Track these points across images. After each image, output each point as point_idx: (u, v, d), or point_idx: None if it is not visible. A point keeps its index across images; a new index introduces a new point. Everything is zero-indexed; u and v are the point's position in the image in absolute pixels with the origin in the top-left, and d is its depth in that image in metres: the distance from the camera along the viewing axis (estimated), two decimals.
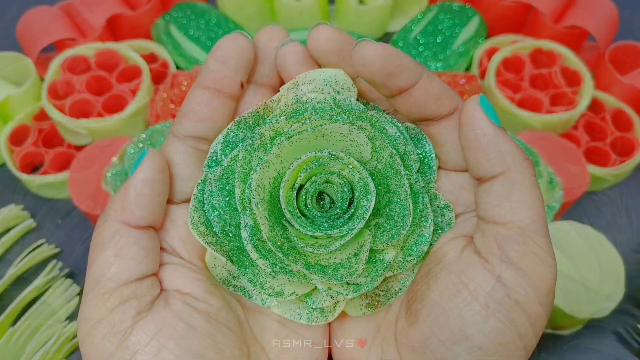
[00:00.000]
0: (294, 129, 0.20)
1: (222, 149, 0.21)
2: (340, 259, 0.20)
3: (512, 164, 0.18)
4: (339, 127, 0.20)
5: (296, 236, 0.20)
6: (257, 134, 0.20)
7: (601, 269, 0.41)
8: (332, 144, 0.20)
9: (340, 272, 0.20)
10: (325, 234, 0.20)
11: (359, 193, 0.20)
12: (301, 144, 0.20)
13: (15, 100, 0.53)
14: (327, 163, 0.21)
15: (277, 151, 0.20)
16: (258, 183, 0.20)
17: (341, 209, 0.21)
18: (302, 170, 0.21)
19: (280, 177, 0.20)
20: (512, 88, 0.54)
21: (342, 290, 0.20)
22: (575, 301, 0.40)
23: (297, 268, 0.20)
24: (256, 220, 0.20)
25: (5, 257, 0.49)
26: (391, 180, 0.20)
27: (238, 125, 0.21)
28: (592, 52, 0.60)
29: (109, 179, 0.44)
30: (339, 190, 0.21)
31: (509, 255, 0.18)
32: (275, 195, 0.21)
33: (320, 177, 0.21)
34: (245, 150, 0.20)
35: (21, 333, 0.42)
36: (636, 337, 0.45)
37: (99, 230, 0.19)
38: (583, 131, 0.54)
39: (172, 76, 0.54)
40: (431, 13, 0.61)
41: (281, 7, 0.63)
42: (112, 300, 0.18)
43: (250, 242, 0.20)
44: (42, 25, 0.56)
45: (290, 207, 0.20)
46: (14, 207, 0.51)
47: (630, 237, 0.50)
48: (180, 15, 0.61)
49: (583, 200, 0.52)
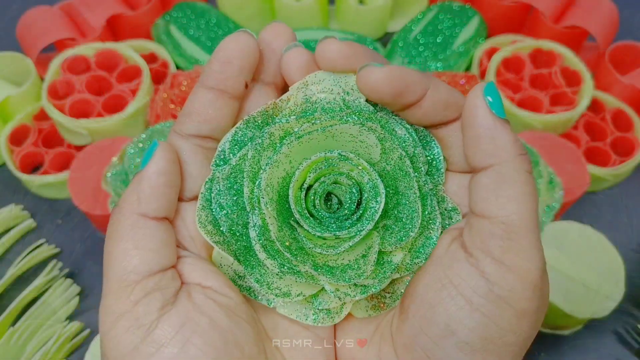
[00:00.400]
0: (304, 129, 0.20)
1: (230, 147, 0.20)
2: (349, 260, 0.20)
3: (504, 157, 0.18)
4: (349, 128, 0.20)
5: (304, 237, 0.20)
6: (266, 133, 0.20)
7: (601, 269, 0.42)
8: (342, 144, 0.20)
9: (348, 273, 0.20)
10: (333, 235, 0.20)
11: (368, 194, 0.20)
12: (311, 144, 0.20)
13: (15, 100, 0.53)
14: (337, 164, 0.20)
15: (287, 151, 0.20)
16: (267, 183, 0.20)
17: (349, 210, 0.21)
18: (312, 170, 0.20)
19: (290, 177, 0.20)
20: (512, 88, 0.54)
21: (349, 292, 0.20)
22: (575, 301, 0.40)
23: (305, 269, 0.20)
24: (265, 220, 0.20)
25: (5, 257, 0.49)
26: (400, 182, 0.20)
27: (247, 124, 0.21)
28: (592, 52, 0.60)
29: (109, 179, 0.44)
30: (347, 191, 0.21)
31: (491, 250, 0.17)
32: (284, 195, 0.20)
33: (329, 178, 0.21)
34: (255, 150, 0.20)
35: (21, 333, 0.42)
36: (636, 337, 0.45)
37: (115, 223, 0.18)
38: (583, 131, 0.54)
39: (172, 76, 0.54)
40: (431, 13, 0.61)
41: (281, 7, 0.63)
42: (135, 293, 0.17)
43: (258, 242, 0.20)
44: (42, 25, 0.56)
45: (299, 208, 0.20)
46: (14, 207, 0.51)
47: (630, 237, 0.50)
48: (180, 15, 0.61)
49: (583, 200, 0.52)
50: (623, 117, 0.54)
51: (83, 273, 0.48)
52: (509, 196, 0.17)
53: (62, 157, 0.52)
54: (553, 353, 0.44)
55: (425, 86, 0.19)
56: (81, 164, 0.48)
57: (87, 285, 0.47)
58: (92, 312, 0.46)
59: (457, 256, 0.18)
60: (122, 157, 0.45)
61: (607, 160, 0.52)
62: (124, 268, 0.17)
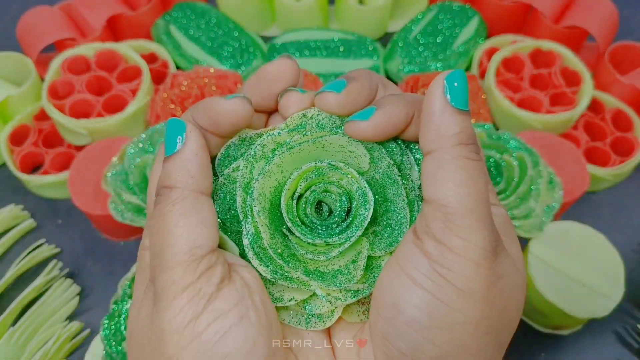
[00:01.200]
0: (295, 140, 0.21)
1: (222, 159, 0.21)
2: (339, 265, 0.21)
3: (442, 144, 0.18)
4: (338, 139, 0.21)
5: (296, 244, 0.21)
6: (259, 145, 0.21)
7: (601, 268, 0.42)
8: (332, 154, 0.21)
9: (338, 278, 0.20)
10: (324, 242, 0.21)
11: (357, 202, 0.21)
12: (302, 154, 0.21)
13: (16, 100, 0.53)
14: (327, 173, 0.21)
15: (279, 161, 0.21)
16: (260, 192, 0.20)
17: (339, 218, 0.21)
18: (303, 179, 0.21)
19: (281, 186, 0.21)
20: (512, 88, 0.54)
21: (340, 296, 0.21)
22: (575, 301, 0.40)
23: (297, 275, 0.20)
24: (257, 228, 0.20)
25: (5, 257, 0.49)
26: (388, 190, 0.21)
27: (242, 141, 0.22)
28: (592, 52, 0.60)
29: (109, 179, 0.44)
30: (337, 199, 0.21)
31: (434, 232, 0.18)
32: (276, 204, 0.21)
33: (320, 187, 0.21)
34: (247, 161, 0.21)
35: (21, 333, 0.42)
36: (636, 336, 0.45)
37: (171, 201, 0.19)
38: (583, 131, 0.54)
39: (172, 76, 0.54)
40: (431, 13, 0.61)
41: (281, 7, 0.63)
42: (201, 266, 0.18)
43: (251, 249, 0.20)
44: (42, 25, 0.56)
45: (291, 216, 0.21)
46: (14, 207, 0.51)
47: (630, 237, 0.50)
48: (180, 16, 0.61)
49: (583, 200, 0.52)
50: (623, 117, 0.54)
51: (83, 273, 0.48)
52: (446, 180, 0.18)
53: (62, 157, 0.53)
54: (553, 353, 0.44)
55: (408, 118, 0.20)
56: (81, 164, 0.48)
57: (87, 285, 0.47)
58: (92, 312, 0.46)
59: (407, 239, 0.19)
60: (122, 157, 0.45)
61: (606, 160, 0.52)
62: (193, 242, 0.18)
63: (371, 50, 0.60)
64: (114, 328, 0.35)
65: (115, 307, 0.37)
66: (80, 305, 0.46)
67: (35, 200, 0.53)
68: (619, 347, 0.45)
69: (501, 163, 0.43)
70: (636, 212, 0.52)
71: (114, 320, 0.36)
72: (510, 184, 0.43)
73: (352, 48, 0.60)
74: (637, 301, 0.46)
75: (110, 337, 0.35)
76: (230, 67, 0.58)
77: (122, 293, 0.38)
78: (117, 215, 0.43)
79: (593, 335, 0.45)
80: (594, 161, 0.52)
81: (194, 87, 0.53)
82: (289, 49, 0.59)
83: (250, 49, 0.60)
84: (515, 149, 0.45)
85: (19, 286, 0.46)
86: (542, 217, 0.44)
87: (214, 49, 0.59)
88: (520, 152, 0.44)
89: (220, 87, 0.53)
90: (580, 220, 0.45)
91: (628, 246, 0.50)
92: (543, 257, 0.42)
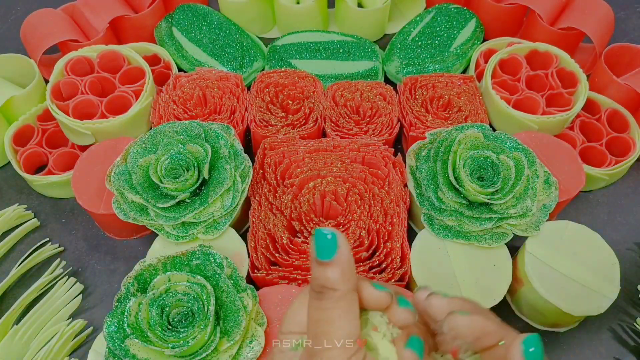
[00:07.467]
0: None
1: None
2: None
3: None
4: None
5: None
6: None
7: (597, 267, 0.42)
8: None
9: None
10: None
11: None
12: None
13: (20, 101, 0.53)
14: None
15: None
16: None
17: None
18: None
19: None
20: (508, 89, 0.55)
21: None
22: (571, 299, 0.41)
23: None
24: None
25: (9, 255, 0.50)
26: None
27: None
28: (588, 53, 0.61)
29: (113, 178, 0.44)
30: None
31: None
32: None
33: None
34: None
35: (25, 331, 0.43)
36: (631, 334, 0.45)
37: (337, 299, 0.22)
38: (579, 132, 0.54)
39: (175, 78, 0.55)
40: (429, 15, 0.62)
41: (281, 10, 0.63)
42: (356, 355, 0.21)
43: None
44: (45, 27, 0.56)
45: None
46: (18, 206, 0.51)
47: (626, 236, 0.51)
48: (182, 18, 0.61)
49: (578, 200, 0.53)
50: (618, 118, 0.54)
51: (86, 271, 0.49)
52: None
53: (66, 157, 0.53)
54: (549, 350, 0.45)
55: (500, 336, 0.22)
56: (85, 164, 0.48)
57: (90, 283, 0.48)
58: (95, 309, 0.46)
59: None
60: (125, 157, 0.45)
61: (602, 160, 0.52)
62: (349, 334, 0.21)
63: (370, 52, 0.60)
64: (117, 325, 0.36)
65: (118, 304, 0.38)
66: (84, 303, 0.47)
67: (39, 199, 0.53)
68: (614, 344, 0.45)
69: (498, 163, 0.44)
70: (631, 211, 0.53)
71: (117, 318, 0.36)
72: (506, 183, 0.43)
73: (352, 50, 0.60)
74: (632, 299, 0.47)
75: (113, 334, 0.36)
76: (232, 69, 0.59)
77: (125, 291, 0.38)
78: (120, 214, 0.43)
79: (589, 333, 0.46)
80: (589, 161, 0.52)
81: (195, 89, 0.54)
82: (290, 51, 0.60)
83: (251, 51, 0.61)
84: (512, 149, 0.46)
85: (23, 284, 0.47)
86: (538, 216, 0.44)
87: (216, 51, 0.60)
88: (516, 152, 0.45)
89: (221, 89, 0.54)
90: (576, 219, 0.46)
91: (623, 245, 0.50)
92: (539, 256, 0.43)
